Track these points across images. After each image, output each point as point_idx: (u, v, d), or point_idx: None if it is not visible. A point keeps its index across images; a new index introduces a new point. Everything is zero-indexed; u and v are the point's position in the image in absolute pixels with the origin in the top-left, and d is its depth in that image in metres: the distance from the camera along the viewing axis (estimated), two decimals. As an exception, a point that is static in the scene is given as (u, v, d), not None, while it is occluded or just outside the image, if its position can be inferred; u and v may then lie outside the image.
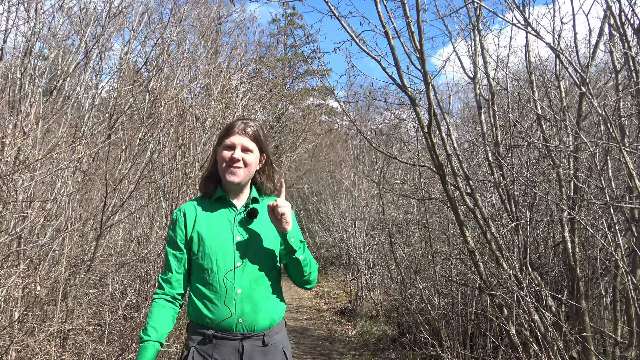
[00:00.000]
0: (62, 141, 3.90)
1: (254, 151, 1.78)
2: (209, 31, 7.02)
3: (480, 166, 4.90)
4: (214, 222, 1.79)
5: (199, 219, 1.80)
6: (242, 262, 1.73)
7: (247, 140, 1.76)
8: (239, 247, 1.75)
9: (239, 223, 1.80)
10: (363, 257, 8.41)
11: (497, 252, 3.39)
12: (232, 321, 1.69)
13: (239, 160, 1.74)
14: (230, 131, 1.78)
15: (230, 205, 1.82)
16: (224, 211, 1.81)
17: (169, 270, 1.78)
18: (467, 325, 4.61)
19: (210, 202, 1.84)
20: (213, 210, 1.82)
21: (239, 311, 1.69)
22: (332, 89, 4.54)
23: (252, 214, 1.78)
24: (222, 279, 1.70)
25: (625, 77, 3.08)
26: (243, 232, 1.78)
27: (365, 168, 8.97)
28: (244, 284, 1.71)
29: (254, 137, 1.78)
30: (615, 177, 3.30)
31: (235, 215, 1.81)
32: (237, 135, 1.76)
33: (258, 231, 1.80)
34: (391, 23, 3.31)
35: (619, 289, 3.11)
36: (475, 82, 3.83)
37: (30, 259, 3.35)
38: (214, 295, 1.70)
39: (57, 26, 4.28)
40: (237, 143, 1.75)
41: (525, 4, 3.22)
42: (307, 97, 19.53)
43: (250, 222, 1.80)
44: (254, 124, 1.81)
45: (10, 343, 2.87)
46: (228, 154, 1.75)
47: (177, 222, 1.81)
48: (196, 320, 1.74)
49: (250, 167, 1.78)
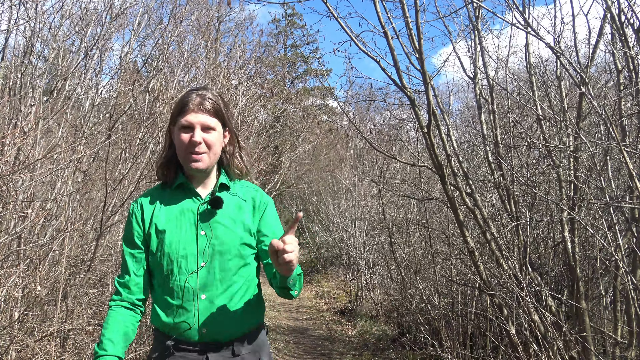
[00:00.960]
0: (62, 141, 3.91)
1: (217, 128, 1.51)
2: (208, 31, 7.02)
3: (480, 166, 4.90)
4: (174, 215, 1.53)
5: (157, 211, 1.54)
6: (207, 262, 1.48)
7: (207, 116, 1.48)
8: (203, 244, 1.49)
9: (202, 215, 1.52)
10: (363, 257, 8.41)
11: (497, 252, 3.39)
12: (194, 331, 1.47)
13: (200, 142, 1.47)
14: (185, 108, 1.48)
15: (194, 195, 1.55)
16: (187, 202, 1.55)
17: (126, 273, 1.53)
18: (467, 325, 4.61)
19: (170, 190, 1.57)
20: (173, 201, 1.55)
21: (202, 319, 1.46)
22: (332, 89, 4.55)
23: (215, 204, 1.51)
24: (184, 282, 1.47)
25: (625, 77, 3.08)
26: (207, 226, 1.51)
27: (365, 168, 8.98)
28: (208, 287, 1.48)
29: (214, 111, 1.49)
30: (615, 177, 3.30)
31: (198, 205, 1.54)
32: (194, 112, 1.47)
33: (225, 224, 1.52)
34: (390, 24, 3.31)
35: (619, 289, 3.11)
36: (475, 83, 3.83)
37: (30, 259, 3.35)
38: (174, 301, 1.47)
39: (57, 26, 4.28)
40: (195, 122, 1.47)
41: (525, 4, 3.22)
42: (307, 97, 19.54)
43: (214, 213, 1.52)
44: (212, 95, 1.52)
45: (10, 343, 2.87)
46: (186, 137, 1.47)
47: (133, 216, 1.56)
48: (159, 326, 1.53)
49: (214, 147, 1.51)
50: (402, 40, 3.36)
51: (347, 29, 3.35)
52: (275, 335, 6.38)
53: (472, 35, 3.81)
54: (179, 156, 1.52)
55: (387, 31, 3.30)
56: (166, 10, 7.39)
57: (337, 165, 12.07)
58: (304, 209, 14.18)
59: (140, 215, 1.55)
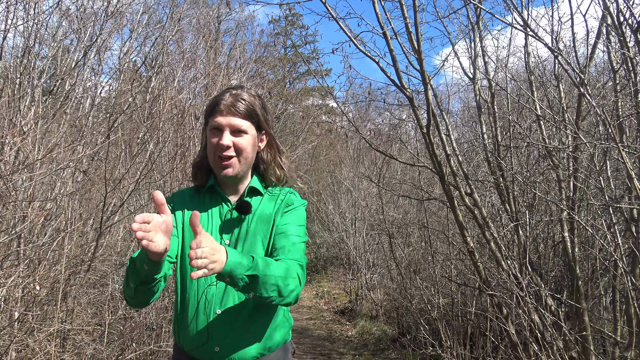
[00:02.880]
0: (62, 141, 3.91)
1: (249, 131, 1.39)
2: (208, 31, 7.02)
3: (480, 166, 4.90)
4: (202, 219, 1.42)
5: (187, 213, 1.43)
6: None
7: (238, 119, 1.37)
8: None
9: (228, 222, 1.41)
10: (363, 257, 8.41)
11: (496, 252, 3.39)
12: (208, 349, 1.34)
13: (229, 147, 1.36)
14: (216, 108, 1.37)
15: (224, 200, 1.45)
16: (215, 206, 1.44)
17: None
18: (467, 325, 4.61)
19: (202, 193, 1.47)
20: (203, 204, 1.45)
21: (215, 337, 1.34)
22: (331, 89, 4.55)
23: (242, 209, 1.40)
24: (202, 294, 1.36)
25: (624, 78, 3.08)
26: (231, 235, 1.40)
27: (365, 168, 8.98)
28: (225, 301, 1.35)
29: (247, 113, 1.38)
30: (614, 178, 3.30)
31: (227, 211, 1.43)
32: (224, 114, 1.36)
33: (250, 233, 1.40)
34: (389, 24, 3.31)
35: (619, 289, 3.11)
36: (474, 83, 3.83)
37: (30, 259, 3.35)
38: (189, 314, 1.36)
39: (55, 26, 4.28)
40: (224, 124, 1.36)
41: (524, 5, 3.23)
42: (307, 97, 19.54)
43: (241, 219, 1.41)
44: (246, 95, 1.40)
45: (10, 343, 2.87)
46: (215, 140, 1.37)
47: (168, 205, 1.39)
48: (176, 339, 1.44)
49: (245, 152, 1.39)
50: (401, 41, 3.36)
51: (346, 30, 3.35)
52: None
53: (471, 36, 3.81)
54: (209, 159, 1.42)
55: (386, 31, 3.30)
56: (165, 10, 7.40)
57: (337, 165, 12.07)
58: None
59: (171, 208, 1.42)
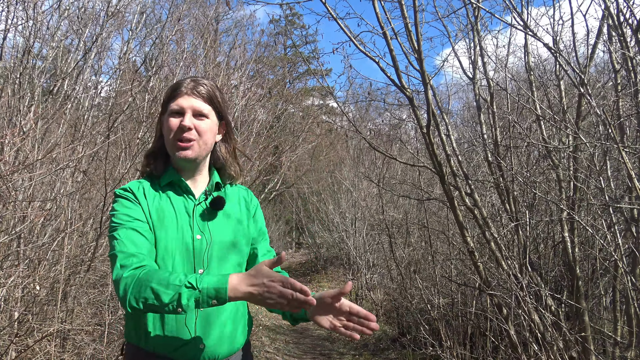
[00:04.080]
0: (62, 141, 3.90)
1: (210, 116, 1.36)
2: (207, 31, 7.02)
3: (480, 166, 4.90)
4: (165, 214, 1.33)
5: (150, 205, 1.34)
6: (205, 269, 1.32)
7: (200, 102, 1.34)
8: (200, 248, 1.33)
9: (200, 216, 1.37)
10: (363, 257, 8.41)
11: (496, 252, 3.39)
12: (193, 348, 1.28)
13: (191, 128, 1.32)
14: (177, 92, 1.34)
15: (187, 193, 1.39)
16: (179, 200, 1.37)
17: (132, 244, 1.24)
18: (467, 325, 4.60)
19: (160, 187, 1.38)
20: (165, 199, 1.37)
21: (201, 334, 1.29)
22: (332, 89, 4.54)
23: (217, 204, 1.38)
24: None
25: (624, 78, 3.08)
26: (205, 229, 1.35)
27: (365, 168, 8.98)
28: None
29: (208, 97, 1.36)
30: (614, 178, 3.30)
31: (194, 205, 1.38)
32: (186, 96, 1.34)
33: (223, 226, 1.38)
34: (389, 24, 3.31)
35: (619, 289, 3.11)
36: (474, 83, 3.83)
37: (30, 259, 3.35)
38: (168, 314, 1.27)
39: (55, 26, 4.28)
40: (186, 106, 1.33)
41: (524, 5, 3.23)
42: (307, 97, 19.55)
43: (215, 214, 1.38)
44: (207, 82, 1.39)
45: (10, 343, 2.87)
46: (176, 122, 1.33)
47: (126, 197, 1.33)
48: (141, 343, 1.29)
49: (206, 136, 1.35)
50: (401, 41, 3.36)
51: (346, 30, 3.35)
52: (275, 335, 6.39)
53: (471, 36, 3.81)
54: (167, 144, 1.36)
55: (386, 31, 3.30)
56: (164, 10, 7.41)
57: (337, 166, 12.08)
58: (304, 209, 14.18)
59: (134, 198, 1.33)
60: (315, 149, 14.21)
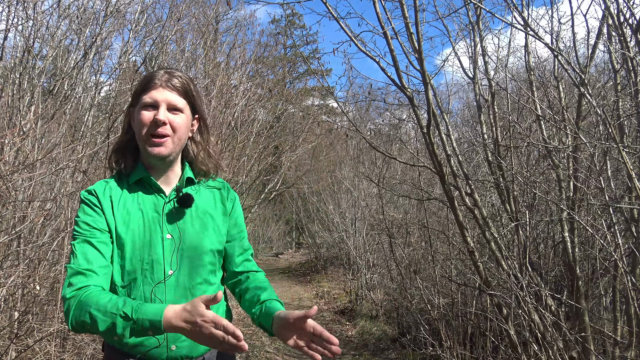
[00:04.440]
0: (62, 141, 3.90)
1: (185, 111, 1.31)
2: (207, 31, 7.02)
3: (480, 166, 4.90)
4: (134, 214, 1.29)
5: (116, 208, 1.29)
6: (175, 270, 1.29)
7: (175, 95, 1.28)
8: (170, 248, 1.29)
9: (167, 215, 1.32)
10: (363, 257, 8.41)
11: (496, 252, 3.39)
12: (163, 348, 1.27)
13: (165, 123, 1.25)
14: (150, 84, 1.27)
15: (156, 191, 1.33)
16: (148, 199, 1.32)
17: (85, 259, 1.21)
18: (467, 325, 4.61)
19: (128, 186, 1.33)
20: (133, 198, 1.31)
21: (171, 336, 1.26)
22: (332, 89, 4.54)
23: (184, 202, 1.32)
24: (150, 293, 1.26)
25: (624, 78, 3.08)
26: (174, 228, 1.31)
27: (365, 168, 8.98)
28: (177, 298, 1.28)
29: (183, 90, 1.30)
30: (614, 178, 3.30)
31: (164, 203, 1.33)
32: (160, 88, 1.27)
33: (194, 225, 1.33)
34: (390, 24, 3.31)
35: (619, 289, 3.11)
36: (474, 83, 3.83)
37: (30, 259, 3.35)
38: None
39: (55, 25, 4.28)
40: (160, 100, 1.26)
41: (524, 5, 3.22)
42: (307, 97, 19.54)
43: (183, 212, 1.33)
44: (181, 73, 1.33)
45: (10, 343, 2.87)
46: (149, 115, 1.25)
47: (88, 204, 1.28)
48: (114, 343, 1.28)
49: (180, 132, 1.29)
50: (401, 40, 3.36)
51: (347, 29, 3.35)
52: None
53: (472, 35, 3.81)
54: (138, 139, 1.29)
55: (387, 31, 3.30)
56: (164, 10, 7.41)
57: (337, 165, 12.07)
58: (304, 209, 14.18)
59: (97, 203, 1.28)
60: (315, 149, 14.21)
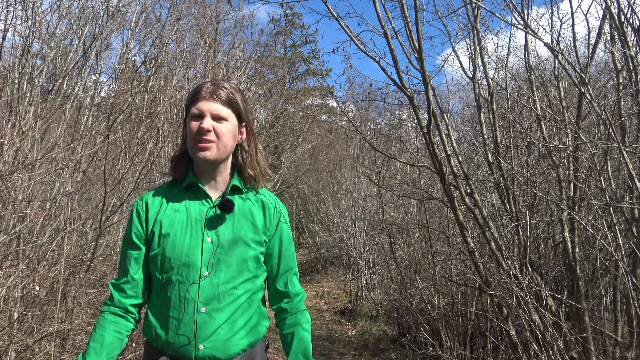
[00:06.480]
0: (61, 141, 3.90)
1: (230, 119, 1.41)
2: (207, 30, 7.01)
3: (480, 166, 4.90)
4: (180, 217, 1.42)
5: (163, 212, 1.43)
6: (211, 272, 1.37)
7: (219, 105, 1.39)
8: (208, 251, 1.38)
9: (210, 220, 1.41)
10: (363, 257, 8.40)
11: (497, 252, 3.38)
12: (191, 348, 1.35)
13: (210, 130, 1.37)
14: (197, 95, 1.40)
15: (204, 196, 1.45)
16: (195, 204, 1.44)
17: (123, 275, 1.42)
18: (467, 325, 4.60)
19: (179, 190, 1.47)
20: (181, 202, 1.44)
21: (200, 335, 1.35)
22: (332, 89, 4.54)
23: (225, 208, 1.41)
24: (185, 293, 1.36)
25: (625, 77, 3.07)
26: (214, 233, 1.40)
27: (365, 168, 8.97)
28: (210, 300, 1.36)
29: (227, 100, 1.41)
30: (615, 177, 3.30)
31: (208, 209, 1.43)
32: (205, 100, 1.39)
33: (234, 231, 1.42)
34: (390, 23, 3.30)
35: (619, 289, 3.11)
36: (474, 82, 3.83)
37: (30, 259, 3.35)
38: (171, 313, 1.36)
39: (55, 25, 4.27)
40: (205, 110, 1.38)
41: (524, 4, 3.22)
42: (307, 97, 19.53)
43: (224, 218, 1.42)
44: (227, 85, 1.43)
45: (10, 343, 2.87)
46: (195, 124, 1.38)
47: (135, 214, 1.45)
48: (150, 340, 1.41)
49: (225, 138, 1.40)
50: (401, 40, 3.35)
51: (347, 29, 3.35)
52: (275, 335, 6.38)
53: (471, 35, 3.80)
54: (188, 146, 1.42)
55: (387, 31, 3.29)
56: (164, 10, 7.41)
57: (337, 165, 12.06)
58: (304, 209, 14.17)
59: (144, 214, 1.44)
60: (315, 148, 14.21)
